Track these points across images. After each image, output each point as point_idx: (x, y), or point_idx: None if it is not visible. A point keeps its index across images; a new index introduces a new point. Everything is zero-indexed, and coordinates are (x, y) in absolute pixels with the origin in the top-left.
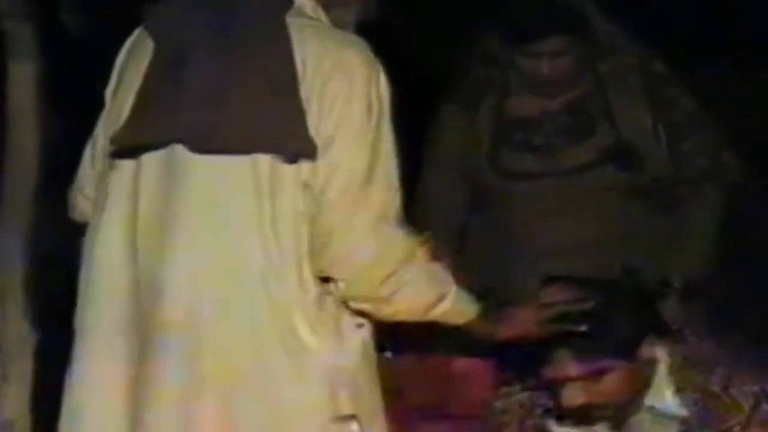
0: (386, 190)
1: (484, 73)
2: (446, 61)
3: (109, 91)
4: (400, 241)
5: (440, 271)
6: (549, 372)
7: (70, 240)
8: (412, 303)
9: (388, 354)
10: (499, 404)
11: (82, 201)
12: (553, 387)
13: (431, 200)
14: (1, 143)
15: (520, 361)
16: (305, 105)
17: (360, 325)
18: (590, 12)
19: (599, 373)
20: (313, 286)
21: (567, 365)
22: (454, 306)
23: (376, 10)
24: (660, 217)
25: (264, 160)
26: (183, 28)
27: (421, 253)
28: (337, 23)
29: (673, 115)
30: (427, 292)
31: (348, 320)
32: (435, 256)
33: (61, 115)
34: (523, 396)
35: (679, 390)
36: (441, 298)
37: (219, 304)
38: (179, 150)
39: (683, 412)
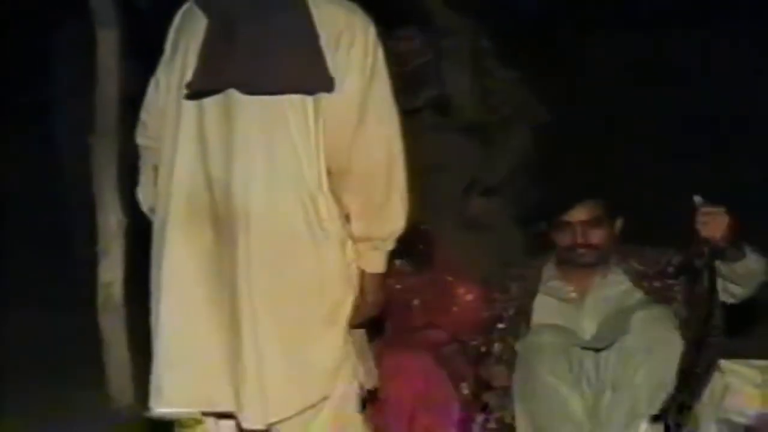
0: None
1: None
2: None
3: (168, 46)
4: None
5: None
6: (564, 216)
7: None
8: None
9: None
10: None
11: (145, 116)
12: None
13: None
14: (91, 90)
15: None
16: (326, 55)
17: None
18: (435, 5)
19: (597, 221)
20: (326, 182)
21: (577, 211)
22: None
23: None
24: (478, 146)
25: (296, 97)
26: (228, 1)
27: None
28: None
29: (488, 80)
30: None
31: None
32: None
33: (135, 68)
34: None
35: None
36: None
37: (266, 197)
38: (233, 92)
39: None
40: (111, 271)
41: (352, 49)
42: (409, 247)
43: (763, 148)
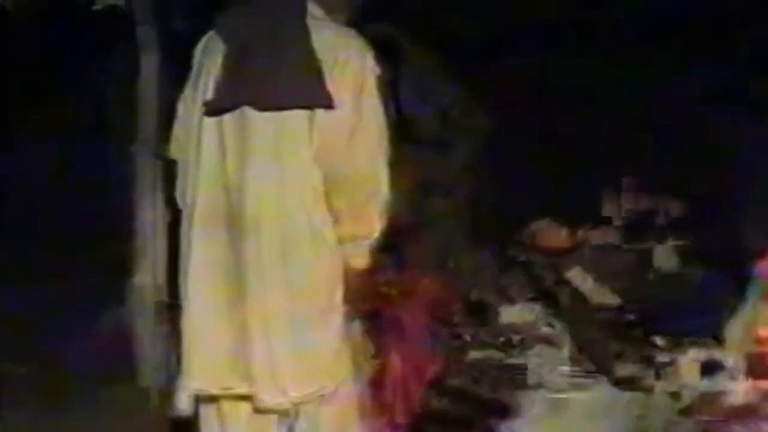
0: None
1: None
2: None
3: (194, 67)
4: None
5: None
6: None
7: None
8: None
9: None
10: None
11: (177, 130)
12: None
13: None
14: (134, 108)
15: None
16: (325, 74)
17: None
18: (385, 34)
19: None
20: (321, 195)
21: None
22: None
23: (354, 16)
24: (432, 155)
25: (300, 113)
26: (243, 31)
27: None
28: (334, 22)
29: (442, 97)
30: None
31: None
32: None
33: (172, 88)
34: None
35: None
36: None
37: (275, 202)
38: (247, 109)
39: None
40: (145, 271)
41: (347, 68)
42: (390, 241)
43: (714, 168)
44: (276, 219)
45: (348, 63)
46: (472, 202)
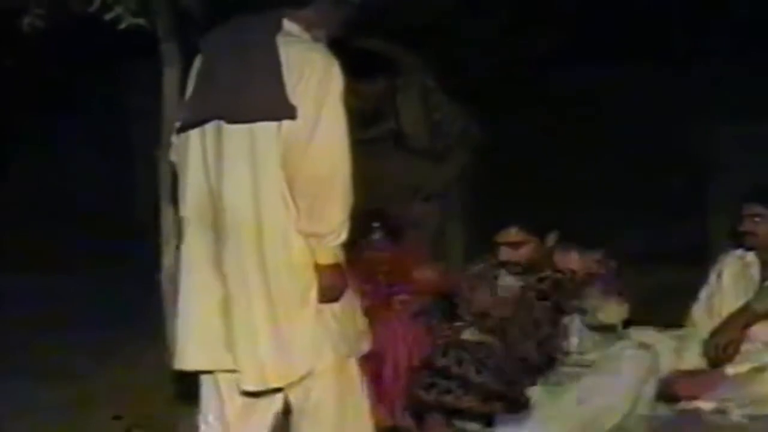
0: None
1: None
2: None
3: (189, 78)
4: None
5: None
6: (497, 237)
7: None
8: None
9: (376, 236)
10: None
11: (174, 139)
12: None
13: None
14: (160, 114)
15: None
16: (288, 83)
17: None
18: (388, 50)
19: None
20: (289, 197)
21: (501, 234)
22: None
23: (337, 31)
24: (428, 165)
25: (268, 124)
26: (216, 49)
27: None
28: (314, 39)
29: (435, 114)
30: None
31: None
32: None
33: None
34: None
35: None
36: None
37: (250, 206)
38: (221, 122)
39: None
40: (170, 256)
41: (311, 80)
42: (383, 226)
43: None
44: (252, 222)
45: (312, 77)
46: (468, 208)
